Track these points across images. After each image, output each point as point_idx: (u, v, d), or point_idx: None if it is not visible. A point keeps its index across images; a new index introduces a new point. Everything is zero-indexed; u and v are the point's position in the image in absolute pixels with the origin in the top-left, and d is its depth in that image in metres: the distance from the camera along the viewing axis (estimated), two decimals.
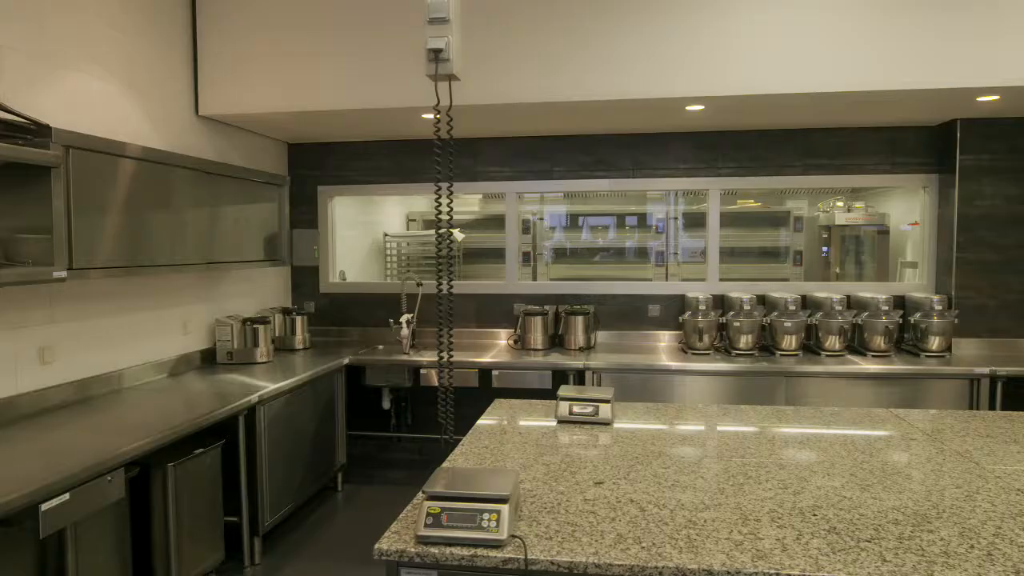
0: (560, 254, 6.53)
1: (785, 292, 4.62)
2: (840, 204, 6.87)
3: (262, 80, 3.99)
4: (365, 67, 3.90)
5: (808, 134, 4.69)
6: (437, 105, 2.21)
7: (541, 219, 6.59)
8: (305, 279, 5.22)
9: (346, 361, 4.38)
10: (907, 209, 5.20)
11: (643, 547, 1.62)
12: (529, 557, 1.58)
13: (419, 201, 7.57)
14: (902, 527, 1.71)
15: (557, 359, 4.33)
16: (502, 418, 2.83)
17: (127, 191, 3.14)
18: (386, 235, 6.87)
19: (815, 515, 1.79)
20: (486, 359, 4.35)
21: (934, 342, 4.24)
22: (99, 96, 3.31)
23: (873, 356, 4.27)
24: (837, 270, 6.43)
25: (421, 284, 4.96)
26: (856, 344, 4.47)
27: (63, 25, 3.11)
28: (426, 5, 2.21)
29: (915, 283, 4.71)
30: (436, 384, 4.41)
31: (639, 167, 4.85)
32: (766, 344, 4.51)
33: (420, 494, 1.79)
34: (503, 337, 5.03)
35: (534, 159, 4.96)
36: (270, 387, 3.51)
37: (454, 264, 6.88)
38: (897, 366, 4.00)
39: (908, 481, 2.04)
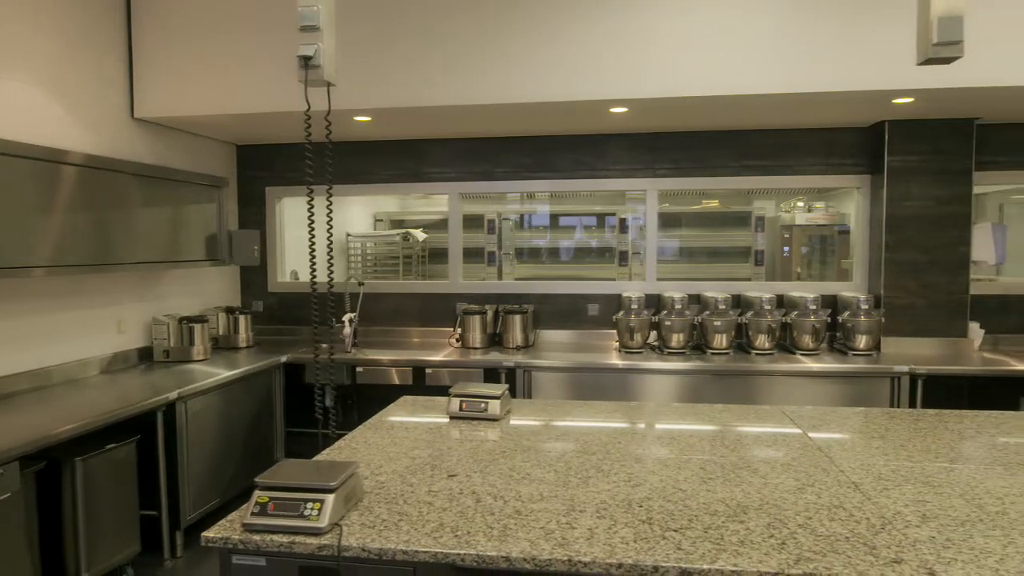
0: (522, 254, 6.59)
1: (717, 291, 4.68)
2: (801, 204, 6.92)
3: (199, 83, 4.07)
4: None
5: (744, 135, 4.74)
6: (308, 111, 2.28)
7: (516, 219, 6.66)
8: (254, 278, 5.30)
9: (284, 359, 4.46)
10: None
11: (456, 535, 1.68)
12: (343, 544, 1.66)
13: (387, 201, 7.66)
14: (716, 518, 1.78)
15: (493, 357, 4.39)
16: (399, 414, 2.90)
17: (50, 193, 3.23)
18: (348, 235, 6.96)
19: (641, 507, 1.86)
20: (422, 357, 4.42)
21: (861, 341, 4.29)
22: (23, 100, 3.39)
23: (802, 354, 4.32)
24: (798, 270, 6.48)
25: (363, 284, 5.04)
26: (788, 343, 4.52)
27: None
28: (297, 14, 2.29)
29: (847, 283, 4.76)
30: (375, 383, 4.48)
31: (579, 168, 4.91)
32: (699, 343, 4.56)
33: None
34: (448, 336, 5.10)
35: (477, 160, 5.03)
36: (192, 384, 3.59)
37: (417, 264, 6.96)
38: (822, 364, 4.05)
39: (753, 475, 2.10)
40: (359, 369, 4.47)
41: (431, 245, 7.04)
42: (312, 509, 1.72)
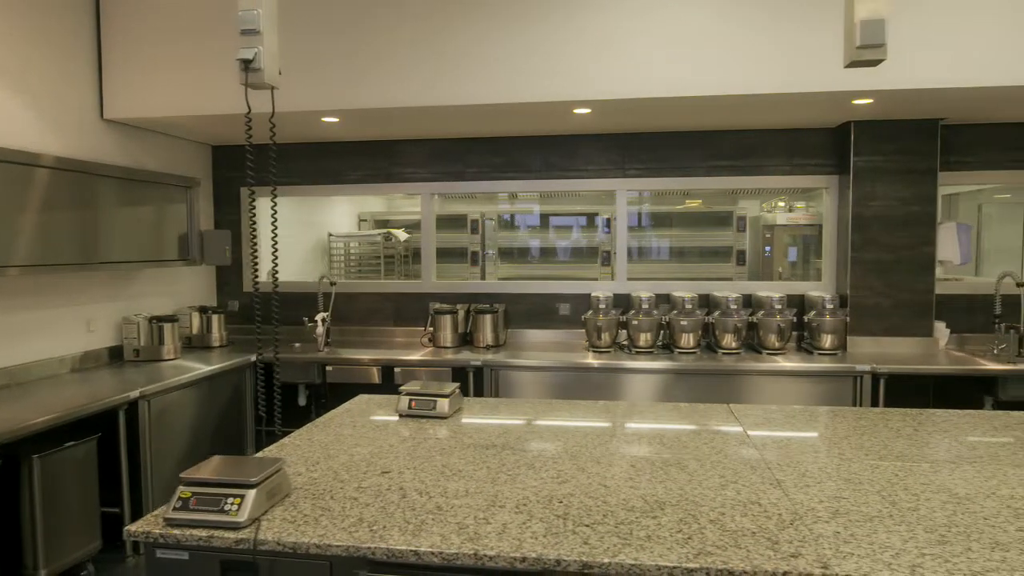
0: (512, 253, 6.61)
1: (685, 291, 4.71)
2: (782, 204, 6.94)
3: (169, 84, 4.11)
4: None
5: (713, 136, 4.77)
6: (248, 114, 2.31)
7: (504, 218, 6.69)
8: (229, 278, 5.34)
9: (254, 359, 4.50)
10: None
11: (372, 530, 1.72)
12: (259, 538, 1.69)
13: (372, 201, 7.70)
14: (631, 513, 1.81)
15: (463, 356, 4.43)
16: (351, 411, 2.94)
17: (20, 195, 3.30)
18: (330, 235, 6.99)
19: (561, 502, 1.89)
20: (391, 356, 4.45)
21: (826, 340, 4.32)
22: None
23: (768, 354, 4.35)
24: (780, 269, 6.50)
25: (334, 283, 5.07)
26: (755, 343, 4.55)
27: None
28: (237, 18, 2.32)
29: (816, 283, 4.79)
30: (345, 381, 4.52)
31: (550, 168, 4.95)
32: (667, 342, 4.59)
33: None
34: (421, 336, 5.14)
35: (449, 161, 5.06)
36: (156, 382, 3.63)
37: (399, 264, 6.99)
38: (786, 364, 4.08)
39: (680, 472, 2.13)
40: (329, 368, 4.51)
41: (415, 245, 7.06)
42: (232, 504, 1.75)
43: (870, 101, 3.79)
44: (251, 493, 1.77)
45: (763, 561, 1.53)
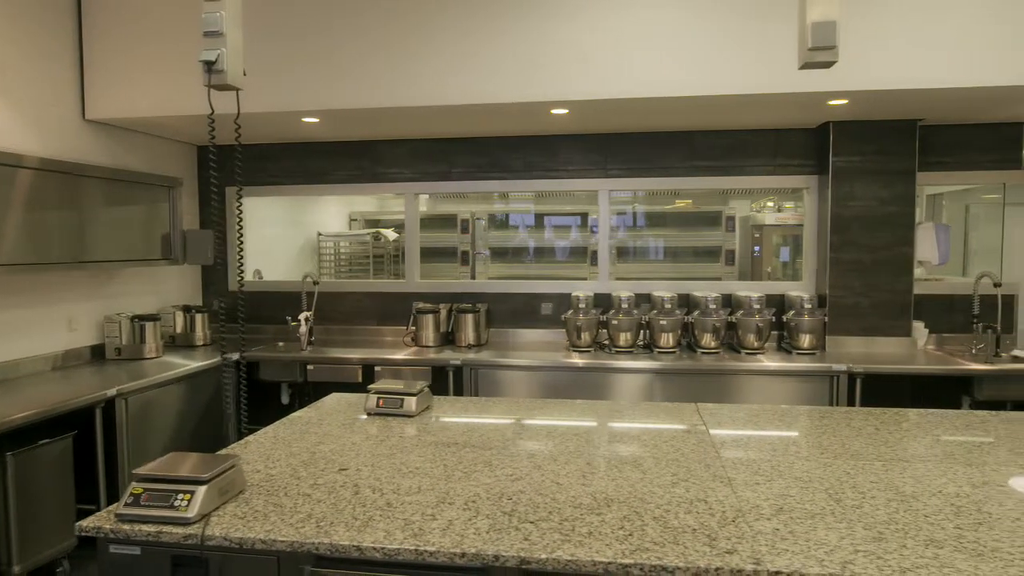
0: (505, 253, 6.63)
1: (665, 291, 4.73)
2: (771, 204, 6.94)
3: (151, 84, 4.13)
4: (250, 72, 4.04)
5: (694, 136, 4.79)
6: (212, 115, 2.34)
7: (498, 218, 6.71)
8: (214, 277, 5.37)
9: (235, 357, 4.52)
10: None
11: (319, 526, 1.74)
12: (206, 534, 1.72)
13: (364, 201, 7.72)
14: (578, 510, 1.83)
15: (444, 355, 4.45)
16: (321, 409, 2.96)
17: (2, 195, 3.33)
18: (320, 234, 7.02)
19: (510, 500, 1.91)
20: (372, 355, 4.48)
21: (805, 340, 4.34)
22: None
23: (747, 353, 4.37)
24: (768, 269, 6.51)
25: (317, 283, 5.10)
26: (734, 342, 4.57)
27: None
28: (200, 20, 2.35)
29: (797, 282, 4.80)
30: (327, 380, 4.54)
31: (533, 168, 4.97)
32: (648, 342, 4.61)
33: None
34: (403, 335, 5.16)
35: (433, 160, 5.09)
36: (134, 381, 3.66)
37: (390, 263, 7.01)
38: (764, 363, 4.09)
39: (634, 470, 2.15)
40: (310, 367, 4.54)
41: (405, 244, 7.07)
42: (182, 500, 1.78)
43: (845, 102, 3.81)
44: (201, 489, 1.80)
45: (697, 557, 1.55)
